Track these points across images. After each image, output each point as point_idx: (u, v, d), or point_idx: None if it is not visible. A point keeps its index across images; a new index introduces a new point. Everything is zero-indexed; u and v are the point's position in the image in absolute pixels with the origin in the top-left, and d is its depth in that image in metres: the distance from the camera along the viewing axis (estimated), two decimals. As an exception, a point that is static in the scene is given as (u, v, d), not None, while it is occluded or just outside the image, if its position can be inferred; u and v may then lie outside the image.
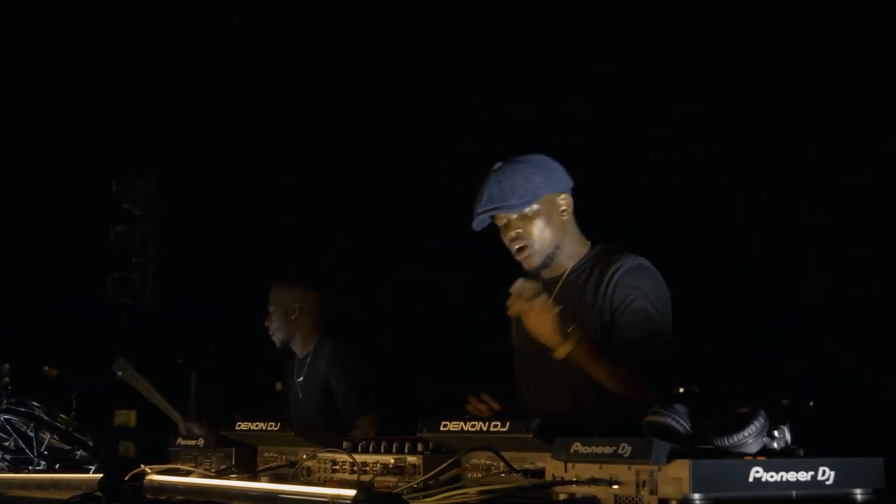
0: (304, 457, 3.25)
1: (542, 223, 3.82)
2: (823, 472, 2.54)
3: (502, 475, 2.82)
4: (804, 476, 2.52)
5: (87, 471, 3.79)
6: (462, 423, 2.89)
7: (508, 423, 2.80)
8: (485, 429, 2.84)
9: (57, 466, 3.90)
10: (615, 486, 2.52)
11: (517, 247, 3.84)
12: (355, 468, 3.07)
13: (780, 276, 6.72)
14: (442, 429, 2.93)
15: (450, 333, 7.29)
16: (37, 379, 8.44)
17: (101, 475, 3.20)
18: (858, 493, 2.57)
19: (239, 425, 3.52)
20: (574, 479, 2.61)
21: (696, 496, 2.41)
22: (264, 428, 3.42)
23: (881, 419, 6.20)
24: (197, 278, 7.26)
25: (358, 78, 7.48)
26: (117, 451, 6.99)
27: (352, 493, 2.58)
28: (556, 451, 2.67)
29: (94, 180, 7.61)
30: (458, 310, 7.35)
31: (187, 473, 3.34)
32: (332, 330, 5.74)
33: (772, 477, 2.49)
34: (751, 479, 2.47)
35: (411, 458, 2.99)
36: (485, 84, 7.16)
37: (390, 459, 3.03)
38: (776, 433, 2.60)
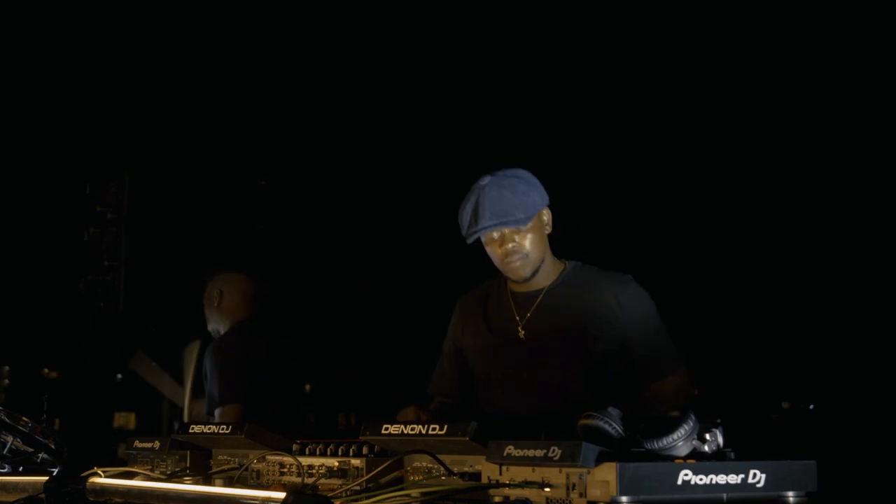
0: (254, 460, 3.26)
1: (535, 237, 3.82)
2: (754, 475, 2.52)
3: (442, 478, 2.82)
4: (734, 479, 2.50)
5: (50, 473, 3.80)
6: (402, 427, 2.90)
7: (446, 427, 2.80)
8: (424, 432, 2.84)
9: (21, 469, 3.91)
10: (547, 490, 2.52)
11: (514, 258, 3.82)
12: (301, 471, 3.07)
13: (781, 276, 6.68)
14: (383, 432, 2.94)
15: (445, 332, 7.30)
16: (37, 381, 8.49)
17: (47, 478, 3.21)
18: (790, 496, 2.55)
19: (192, 428, 3.53)
20: (508, 481, 2.60)
21: (624, 499, 2.40)
22: (216, 431, 3.43)
23: (881, 419, 6.17)
24: (170, 281, 7.27)
25: (356, 79, 7.49)
26: (116, 452, 7.01)
27: (282, 495, 2.58)
28: (490, 454, 2.66)
29: (68, 183, 7.64)
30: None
31: (133, 476, 3.35)
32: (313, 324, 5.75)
33: (701, 480, 2.47)
34: (679, 481, 2.46)
35: (354, 462, 2.99)
36: (484, 84, 7.16)
37: (334, 462, 3.03)
38: (708, 436, 2.59)
